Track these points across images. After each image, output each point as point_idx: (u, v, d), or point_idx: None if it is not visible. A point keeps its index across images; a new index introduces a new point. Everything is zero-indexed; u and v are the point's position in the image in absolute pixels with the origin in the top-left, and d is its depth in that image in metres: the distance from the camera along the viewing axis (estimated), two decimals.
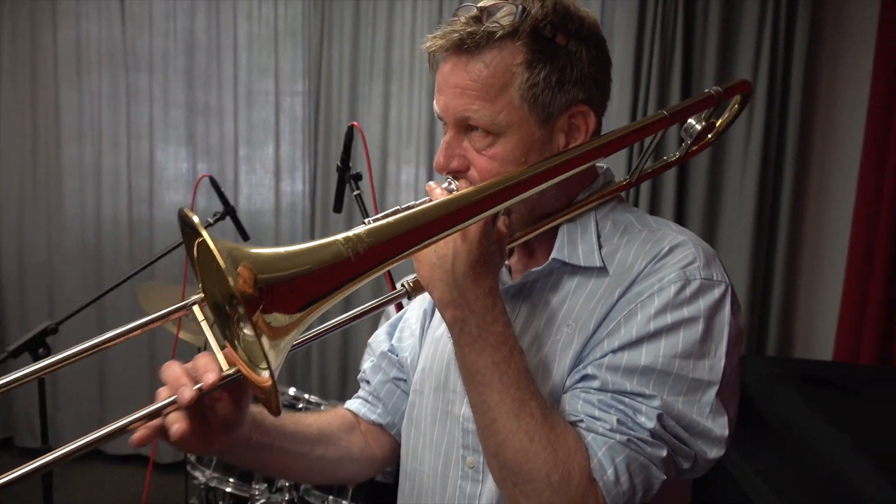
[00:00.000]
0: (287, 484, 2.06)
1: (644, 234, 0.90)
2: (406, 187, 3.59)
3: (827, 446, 2.07)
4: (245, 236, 2.41)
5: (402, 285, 0.86)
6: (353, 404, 1.14)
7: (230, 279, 0.57)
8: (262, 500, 2.07)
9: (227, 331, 0.71)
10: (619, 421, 0.79)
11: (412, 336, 1.11)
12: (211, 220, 2.29)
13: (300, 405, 2.20)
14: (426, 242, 0.74)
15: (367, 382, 1.13)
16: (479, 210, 0.77)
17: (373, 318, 0.83)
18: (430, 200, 0.83)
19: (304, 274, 0.63)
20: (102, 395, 3.82)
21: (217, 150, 3.70)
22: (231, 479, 2.19)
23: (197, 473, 2.21)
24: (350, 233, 0.68)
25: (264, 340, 0.59)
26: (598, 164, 0.97)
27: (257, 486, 2.08)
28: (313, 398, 2.25)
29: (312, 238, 3.67)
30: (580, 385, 0.84)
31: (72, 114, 3.72)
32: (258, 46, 3.64)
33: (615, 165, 1.27)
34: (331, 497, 2.10)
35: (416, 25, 3.52)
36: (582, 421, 0.81)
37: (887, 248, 2.80)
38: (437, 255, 0.79)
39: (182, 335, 2.30)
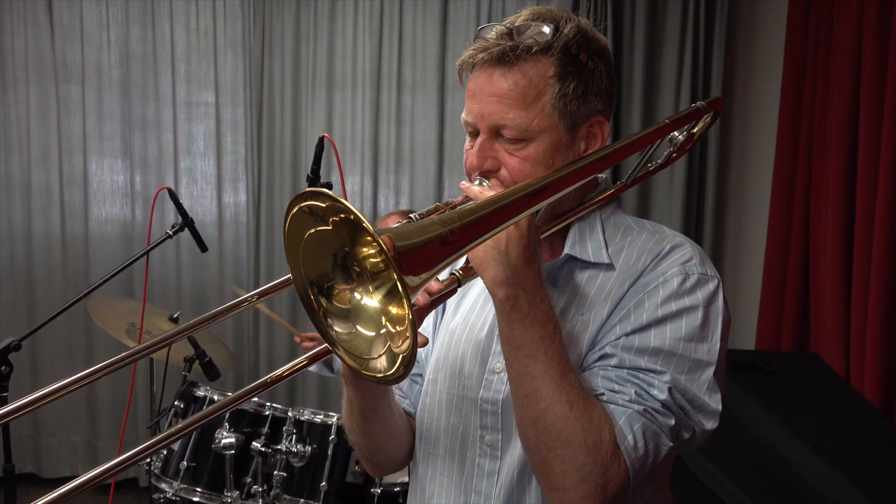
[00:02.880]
0: (259, 489, 2.09)
1: (644, 235, 1.03)
2: (351, 196, 3.65)
3: (759, 425, 2.27)
4: (203, 247, 2.41)
5: (453, 273, 0.93)
6: None
7: (382, 243, 0.67)
8: None
9: (319, 324, 0.78)
10: (636, 393, 0.90)
11: (424, 331, 1.19)
12: (170, 232, 2.29)
13: (266, 412, 2.23)
14: (500, 227, 0.83)
15: None
16: (535, 202, 0.88)
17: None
18: (468, 198, 0.94)
19: (421, 244, 0.73)
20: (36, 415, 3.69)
21: (156, 162, 3.65)
22: (198, 489, 2.19)
23: (163, 486, 2.20)
24: (443, 216, 0.78)
25: (403, 298, 0.69)
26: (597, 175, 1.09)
27: (228, 494, 2.09)
28: (278, 405, 2.28)
29: (257, 248, 3.68)
30: (598, 364, 0.94)
31: None
32: (197, 59, 3.63)
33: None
34: (302, 500, 2.14)
35: (357, 39, 3.60)
36: (603, 394, 0.91)
37: (799, 246, 3.07)
38: (493, 239, 0.87)
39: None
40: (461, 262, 0.95)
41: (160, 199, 3.35)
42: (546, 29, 0.94)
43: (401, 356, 0.72)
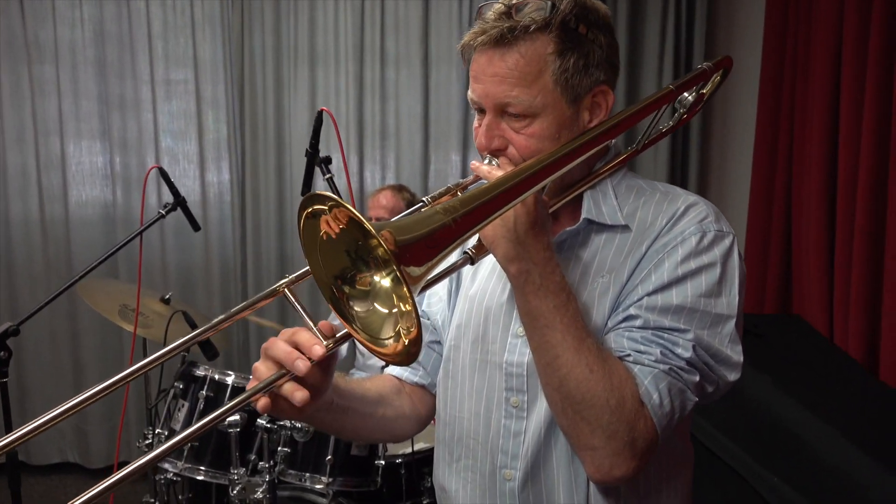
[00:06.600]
0: (266, 465, 2.09)
1: (657, 195, 1.05)
2: (337, 171, 3.62)
3: (752, 386, 2.34)
4: (196, 226, 2.39)
5: (466, 252, 0.95)
6: (395, 370, 1.23)
7: (380, 240, 0.68)
8: (241, 485, 2.09)
9: (342, 308, 0.80)
10: (661, 353, 0.93)
11: (440, 301, 1.21)
12: (163, 212, 2.26)
13: None
14: (505, 208, 0.85)
15: None
16: (539, 179, 0.90)
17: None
18: (478, 178, 0.95)
19: (424, 236, 0.74)
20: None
21: (136, 142, 3.59)
22: (202, 468, 2.20)
23: (166, 465, 2.20)
24: (446, 204, 0.79)
25: (405, 288, 0.71)
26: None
27: (235, 471, 2.09)
28: None
29: (243, 227, 3.65)
30: (623, 325, 0.97)
31: None
32: (174, 35, 3.56)
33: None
34: (307, 474, 2.16)
35: (338, 13, 3.55)
36: (629, 355, 0.94)
37: (782, 209, 3.13)
38: (501, 218, 0.89)
39: (140, 331, 2.27)
40: (473, 240, 0.96)
41: (141, 178, 3.32)
42: (543, 5, 0.94)
43: (408, 341, 0.75)
